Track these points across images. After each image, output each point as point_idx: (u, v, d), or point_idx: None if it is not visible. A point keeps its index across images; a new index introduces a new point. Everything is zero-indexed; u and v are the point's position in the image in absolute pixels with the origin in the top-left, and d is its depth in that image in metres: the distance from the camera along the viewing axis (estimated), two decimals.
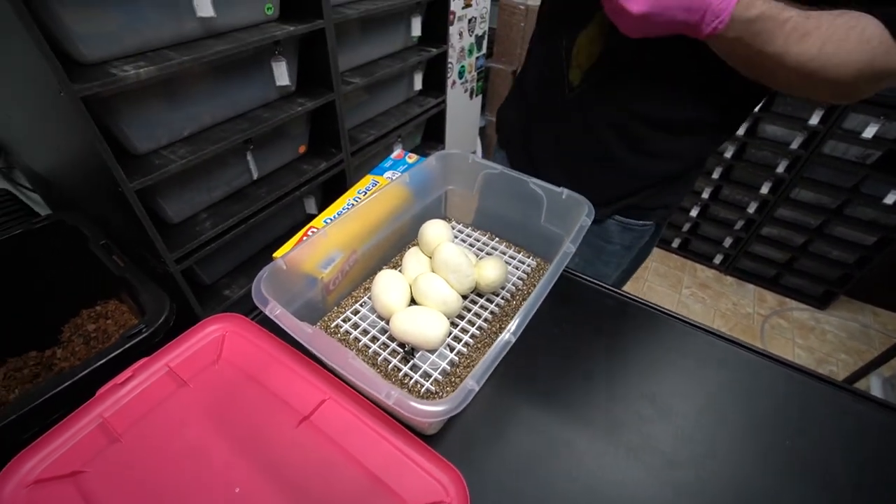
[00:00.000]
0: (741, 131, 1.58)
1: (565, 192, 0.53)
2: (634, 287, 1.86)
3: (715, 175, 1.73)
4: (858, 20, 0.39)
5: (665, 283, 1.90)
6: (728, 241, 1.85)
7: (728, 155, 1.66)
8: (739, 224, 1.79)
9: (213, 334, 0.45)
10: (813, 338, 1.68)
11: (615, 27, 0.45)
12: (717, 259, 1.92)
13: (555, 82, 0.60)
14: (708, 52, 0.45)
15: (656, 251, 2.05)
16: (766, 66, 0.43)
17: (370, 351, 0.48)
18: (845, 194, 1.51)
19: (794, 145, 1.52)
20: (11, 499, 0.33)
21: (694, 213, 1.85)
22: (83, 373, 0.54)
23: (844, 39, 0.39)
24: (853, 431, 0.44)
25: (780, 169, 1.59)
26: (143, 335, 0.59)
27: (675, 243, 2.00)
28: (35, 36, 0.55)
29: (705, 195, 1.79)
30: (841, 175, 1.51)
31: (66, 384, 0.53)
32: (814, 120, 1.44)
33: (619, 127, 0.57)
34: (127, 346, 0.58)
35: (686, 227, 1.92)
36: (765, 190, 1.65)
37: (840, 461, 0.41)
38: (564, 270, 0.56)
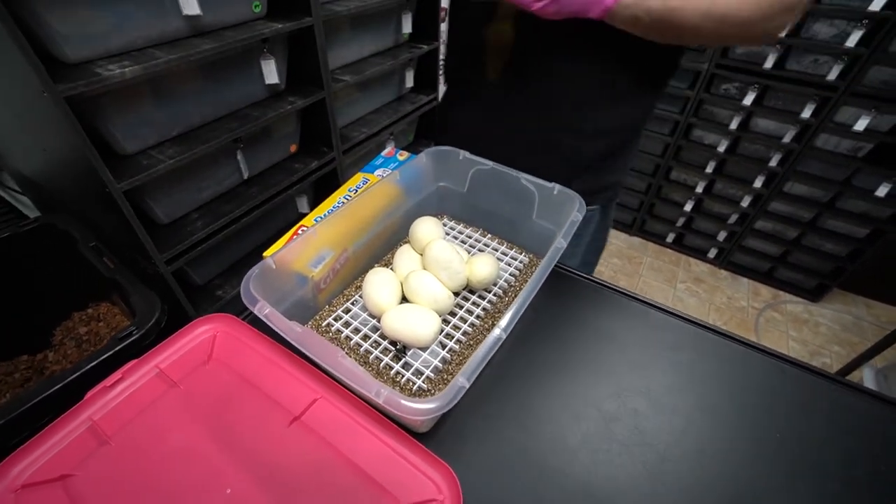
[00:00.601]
0: (734, 125, 1.59)
1: (556, 187, 0.53)
2: (629, 282, 1.87)
3: (708, 169, 1.73)
4: None
5: (660, 277, 1.91)
6: (722, 235, 1.86)
7: (721, 149, 1.66)
8: (733, 218, 1.79)
9: (204, 335, 0.44)
10: (807, 330, 1.70)
11: (519, 19, 0.46)
12: (712, 253, 1.93)
13: (476, 79, 0.62)
14: (612, 28, 0.46)
15: (650, 246, 2.06)
16: (672, 25, 0.44)
17: (362, 349, 0.48)
18: (837, 187, 1.52)
19: (787, 139, 1.53)
20: None
21: (688, 207, 1.85)
22: (73, 376, 0.53)
23: None
24: (846, 423, 0.44)
25: (773, 163, 1.59)
26: (134, 337, 0.59)
27: (670, 238, 2.01)
28: (16, 36, 0.54)
29: (699, 189, 1.79)
30: (833, 168, 1.52)
31: (57, 388, 0.52)
32: (806, 113, 1.45)
33: (545, 113, 0.59)
34: (118, 348, 0.57)
35: (680, 221, 1.93)
36: (758, 184, 1.65)
37: (833, 453, 0.41)
38: (557, 265, 0.56)
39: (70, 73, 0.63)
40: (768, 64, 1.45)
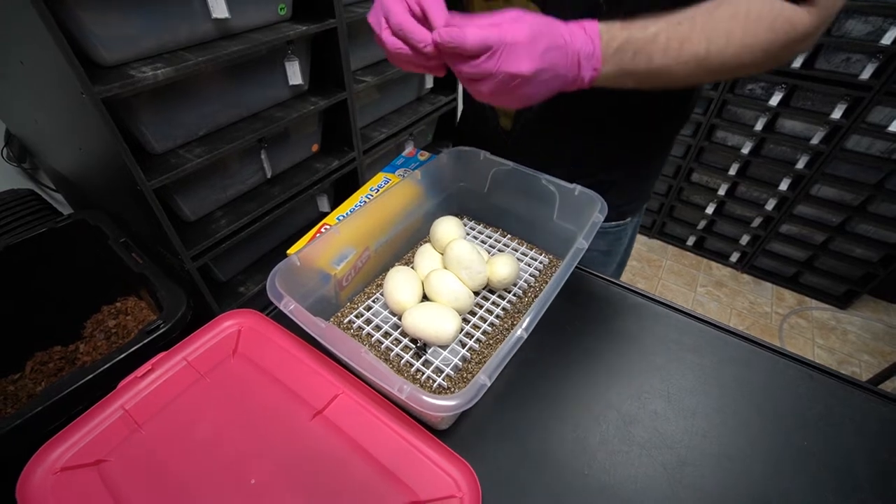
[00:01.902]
0: (759, 126, 1.55)
1: (577, 188, 0.53)
2: (647, 285, 1.84)
3: (731, 171, 1.69)
4: (738, 6, 0.37)
5: (679, 281, 1.87)
6: (745, 239, 1.81)
7: (745, 151, 1.62)
8: (757, 221, 1.75)
9: (229, 329, 0.46)
10: (834, 338, 1.64)
11: None
12: (734, 257, 1.89)
13: (491, 130, 0.62)
14: None
15: (670, 249, 2.02)
16: (662, 80, 0.41)
17: (383, 346, 0.48)
18: (869, 190, 1.47)
19: (815, 140, 1.48)
20: (40, 485, 0.34)
21: (709, 210, 1.81)
22: (104, 367, 0.56)
23: (731, 30, 0.37)
24: (877, 434, 0.42)
25: (801, 165, 1.54)
26: (161, 330, 0.61)
27: (690, 241, 1.97)
28: (59, 40, 0.57)
29: (721, 192, 1.75)
30: (865, 171, 1.47)
31: (89, 377, 0.55)
32: (836, 114, 1.40)
33: (563, 154, 0.58)
34: (145, 341, 0.59)
35: (701, 224, 1.89)
36: (784, 186, 1.60)
37: (862, 465, 0.40)
38: (577, 267, 0.56)
39: (106, 75, 0.66)
40: (796, 63, 1.41)
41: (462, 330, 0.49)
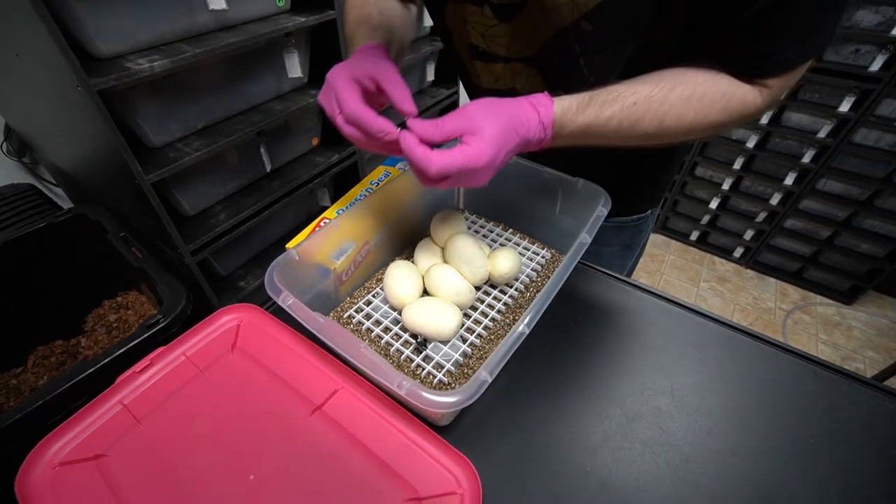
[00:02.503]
0: (764, 120, 1.53)
1: (580, 181, 0.52)
2: (650, 280, 1.83)
3: (736, 166, 1.67)
4: (693, 88, 0.37)
5: (682, 276, 1.86)
6: (749, 234, 1.80)
7: (750, 145, 1.60)
8: (761, 216, 1.73)
9: (228, 324, 0.45)
10: (838, 334, 1.63)
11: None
12: (738, 252, 1.87)
13: None
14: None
15: (673, 244, 2.01)
16: (611, 144, 0.41)
17: (382, 341, 0.48)
18: (876, 185, 1.45)
19: (822, 134, 1.46)
20: (39, 479, 0.34)
21: (713, 204, 1.80)
22: (104, 361, 0.55)
23: (684, 112, 0.38)
24: (883, 431, 0.42)
25: (807, 159, 1.53)
26: (161, 325, 0.61)
27: (694, 236, 1.96)
28: (54, 32, 0.56)
29: (725, 186, 1.74)
30: (872, 164, 1.45)
31: (89, 372, 0.54)
32: (844, 107, 1.38)
33: (587, 163, 0.55)
34: (146, 335, 0.59)
35: (705, 219, 1.87)
36: (789, 181, 1.59)
37: (868, 461, 0.40)
38: (580, 262, 0.55)
39: (102, 67, 0.65)
40: None
41: (463, 325, 0.48)
